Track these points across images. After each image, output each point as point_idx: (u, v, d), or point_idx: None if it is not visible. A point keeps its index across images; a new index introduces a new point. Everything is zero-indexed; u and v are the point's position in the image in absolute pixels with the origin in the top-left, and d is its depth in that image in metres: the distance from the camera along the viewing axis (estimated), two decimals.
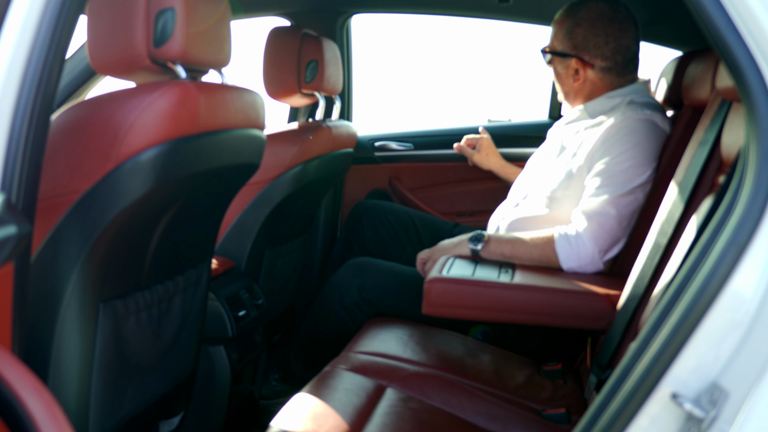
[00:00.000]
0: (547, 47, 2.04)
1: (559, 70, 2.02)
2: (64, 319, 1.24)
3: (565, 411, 1.53)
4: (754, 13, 0.93)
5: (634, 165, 1.81)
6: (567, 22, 1.97)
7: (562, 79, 2.03)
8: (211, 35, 1.36)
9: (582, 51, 1.96)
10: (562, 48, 1.98)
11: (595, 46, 1.94)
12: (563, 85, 2.05)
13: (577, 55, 1.96)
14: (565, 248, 1.80)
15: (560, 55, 1.99)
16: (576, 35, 1.95)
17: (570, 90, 2.03)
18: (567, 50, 1.98)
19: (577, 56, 1.96)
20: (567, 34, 1.97)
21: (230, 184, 1.60)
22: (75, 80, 2.27)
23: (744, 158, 0.98)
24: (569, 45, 1.97)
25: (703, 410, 0.91)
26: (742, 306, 0.92)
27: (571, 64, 1.98)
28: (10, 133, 1.02)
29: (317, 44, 2.29)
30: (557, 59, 2.01)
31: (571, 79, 2.00)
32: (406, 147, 3.06)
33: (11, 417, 0.85)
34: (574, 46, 1.96)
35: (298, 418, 1.35)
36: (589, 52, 1.95)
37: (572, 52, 1.97)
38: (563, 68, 2.01)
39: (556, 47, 2.01)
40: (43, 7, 1.04)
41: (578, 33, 1.95)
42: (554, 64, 2.03)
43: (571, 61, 1.98)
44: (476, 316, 1.74)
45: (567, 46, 1.97)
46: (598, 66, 1.96)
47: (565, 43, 1.98)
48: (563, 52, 1.98)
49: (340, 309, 2.06)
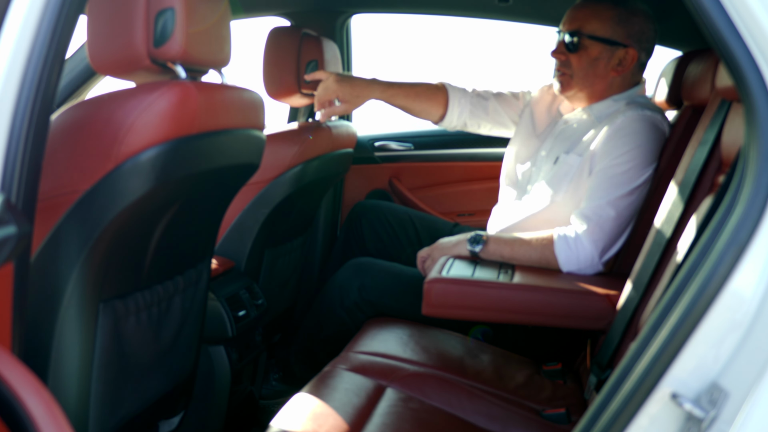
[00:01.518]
0: (586, 32, 1.89)
1: (598, 58, 1.90)
2: (64, 319, 1.24)
3: (565, 411, 1.53)
4: (754, 13, 0.93)
5: (635, 166, 1.81)
6: (618, 9, 1.89)
7: (597, 68, 1.91)
8: (211, 35, 1.36)
9: (636, 42, 1.89)
10: (612, 35, 1.89)
11: (647, 39, 1.91)
12: (589, 77, 1.92)
13: (631, 45, 1.89)
14: (565, 251, 1.79)
15: (608, 42, 1.89)
16: (633, 24, 1.89)
17: (595, 82, 1.93)
18: (620, 39, 1.89)
19: (632, 46, 1.89)
20: (622, 22, 1.88)
21: (230, 184, 1.60)
22: (75, 80, 2.27)
23: (744, 158, 0.98)
24: (622, 33, 1.88)
25: (703, 410, 0.91)
26: (742, 306, 0.92)
27: (618, 53, 1.90)
28: (10, 133, 1.02)
29: (317, 44, 2.29)
30: (600, 47, 1.89)
31: (611, 70, 1.91)
32: (406, 147, 3.06)
33: (11, 417, 0.85)
34: (629, 35, 1.89)
35: (298, 418, 1.35)
36: (641, 45, 1.90)
37: (626, 42, 1.89)
38: (606, 57, 1.90)
39: (601, 33, 1.89)
40: (43, 7, 1.04)
41: (635, 22, 1.89)
42: (590, 51, 1.90)
43: (620, 50, 1.89)
44: (476, 316, 1.74)
45: (620, 34, 1.88)
46: (640, 61, 1.93)
47: (618, 31, 1.88)
48: (614, 39, 1.89)
49: (340, 309, 2.06)
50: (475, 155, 3.01)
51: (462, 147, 3.05)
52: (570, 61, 1.94)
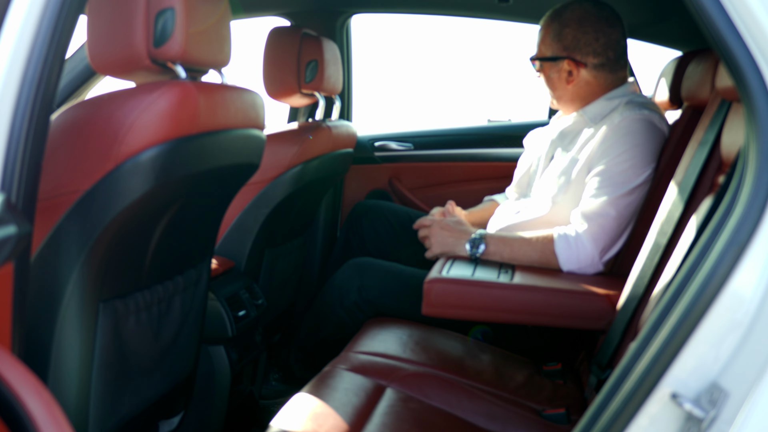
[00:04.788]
0: (535, 56, 2.02)
1: (551, 76, 1.99)
2: (64, 319, 1.24)
3: (565, 411, 1.53)
4: (754, 13, 0.93)
5: (633, 166, 1.81)
6: (553, 25, 1.96)
7: (556, 84, 2.00)
8: (211, 35, 1.36)
9: (573, 51, 1.94)
10: (552, 52, 1.97)
11: (585, 43, 1.93)
12: (557, 90, 2.02)
13: (569, 56, 1.95)
14: (565, 250, 1.80)
15: (551, 59, 1.97)
16: (565, 36, 1.94)
17: (564, 94, 2.01)
18: (557, 53, 1.96)
19: (569, 57, 1.95)
20: (555, 37, 1.96)
21: (230, 184, 1.60)
22: (75, 80, 2.27)
23: (744, 158, 0.98)
24: (559, 47, 1.96)
25: (703, 410, 0.91)
26: (742, 306, 0.92)
27: (563, 66, 1.96)
28: (10, 133, 1.02)
29: (317, 44, 2.29)
30: (548, 65, 1.99)
31: (565, 82, 1.98)
32: (406, 147, 3.07)
33: (11, 417, 0.85)
34: (565, 47, 1.95)
35: (298, 418, 1.35)
36: (580, 50, 1.94)
37: (563, 54, 1.95)
38: (555, 72, 1.98)
39: (545, 53, 1.99)
40: (43, 7, 1.04)
41: (567, 33, 1.94)
42: (545, 71, 2.01)
43: (563, 63, 1.96)
44: (476, 316, 1.74)
45: (557, 49, 1.96)
46: (591, 64, 1.94)
47: (555, 47, 1.96)
48: (553, 56, 1.97)
49: (340, 309, 2.06)
50: (475, 155, 3.01)
51: (462, 147, 3.05)
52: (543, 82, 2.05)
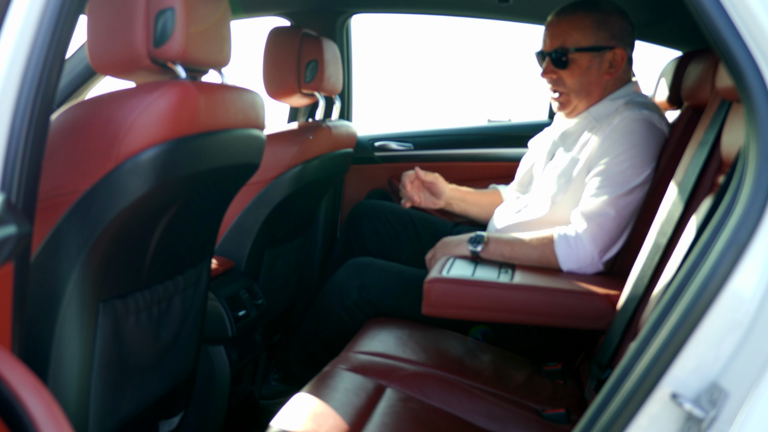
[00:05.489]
0: (570, 46, 1.90)
1: (590, 67, 1.91)
2: (64, 319, 1.24)
3: (565, 411, 1.53)
4: (754, 13, 0.93)
5: (633, 165, 1.81)
6: (593, 15, 1.89)
7: (591, 75, 1.91)
8: (211, 35, 1.36)
9: (620, 40, 1.90)
10: (597, 41, 1.89)
11: (629, 34, 1.92)
12: (588, 83, 1.92)
13: (617, 45, 1.90)
14: (565, 250, 1.80)
15: (596, 49, 1.89)
16: (612, 24, 1.89)
17: (594, 87, 1.93)
18: (604, 42, 1.89)
19: (617, 46, 1.90)
20: (600, 26, 1.89)
21: (230, 184, 1.60)
22: (75, 80, 2.27)
23: (744, 158, 0.98)
24: (606, 36, 1.89)
25: (703, 410, 0.91)
26: (742, 306, 0.92)
27: (607, 56, 1.90)
28: (10, 133, 1.02)
29: (317, 44, 2.29)
30: (588, 56, 1.90)
31: (605, 74, 1.92)
32: (406, 147, 3.06)
33: (11, 417, 0.85)
34: (612, 36, 1.90)
35: (298, 418, 1.35)
36: (624, 41, 1.91)
37: (610, 44, 1.90)
38: (597, 63, 1.90)
39: (585, 43, 1.89)
40: (43, 7, 1.04)
41: (614, 22, 1.90)
42: (578, 63, 1.91)
43: (608, 53, 1.90)
44: (476, 316, 1.74)
45: (603, 38, 1.89)
46: (628, 57, 1.93)
47: (600, 36, 1.89)
48: (600, 45, 1.89)
49: (340, 309, 2.06)
50: (475, 155, 3.01)
51: (462, 147, 3.05)
52: (562, 78, 1.95)
